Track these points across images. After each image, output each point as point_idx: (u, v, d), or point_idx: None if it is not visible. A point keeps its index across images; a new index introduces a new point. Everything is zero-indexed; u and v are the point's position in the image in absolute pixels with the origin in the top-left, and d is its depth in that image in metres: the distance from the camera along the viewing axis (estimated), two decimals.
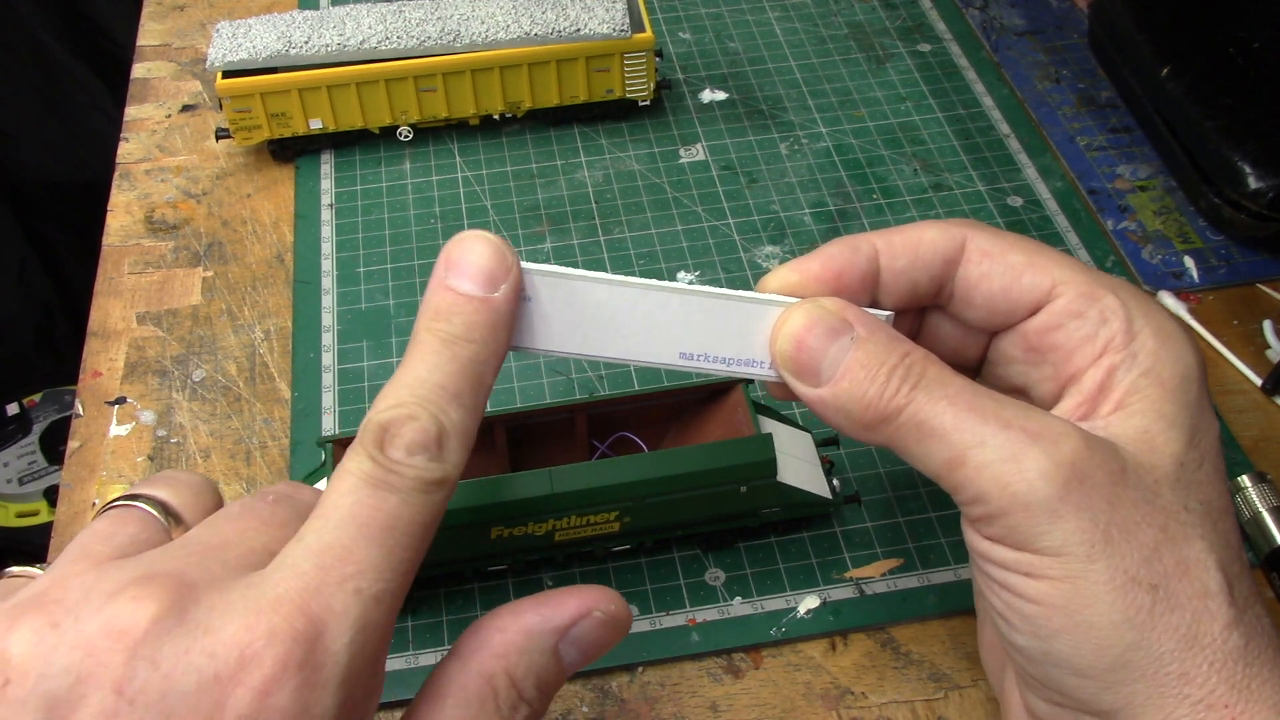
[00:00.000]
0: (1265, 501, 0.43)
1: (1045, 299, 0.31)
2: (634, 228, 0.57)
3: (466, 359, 0.27)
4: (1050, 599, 0.27)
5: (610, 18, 0.57)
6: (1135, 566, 0.27)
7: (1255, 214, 0.53)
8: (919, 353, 0.30)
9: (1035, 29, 0.69)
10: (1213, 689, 0.27)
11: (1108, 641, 0.27)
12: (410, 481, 0.26)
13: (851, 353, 0.30)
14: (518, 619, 0.28)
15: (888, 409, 0.29)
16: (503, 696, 0.27)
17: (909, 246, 0.32)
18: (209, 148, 0.61)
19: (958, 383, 0.29)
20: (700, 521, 0.41)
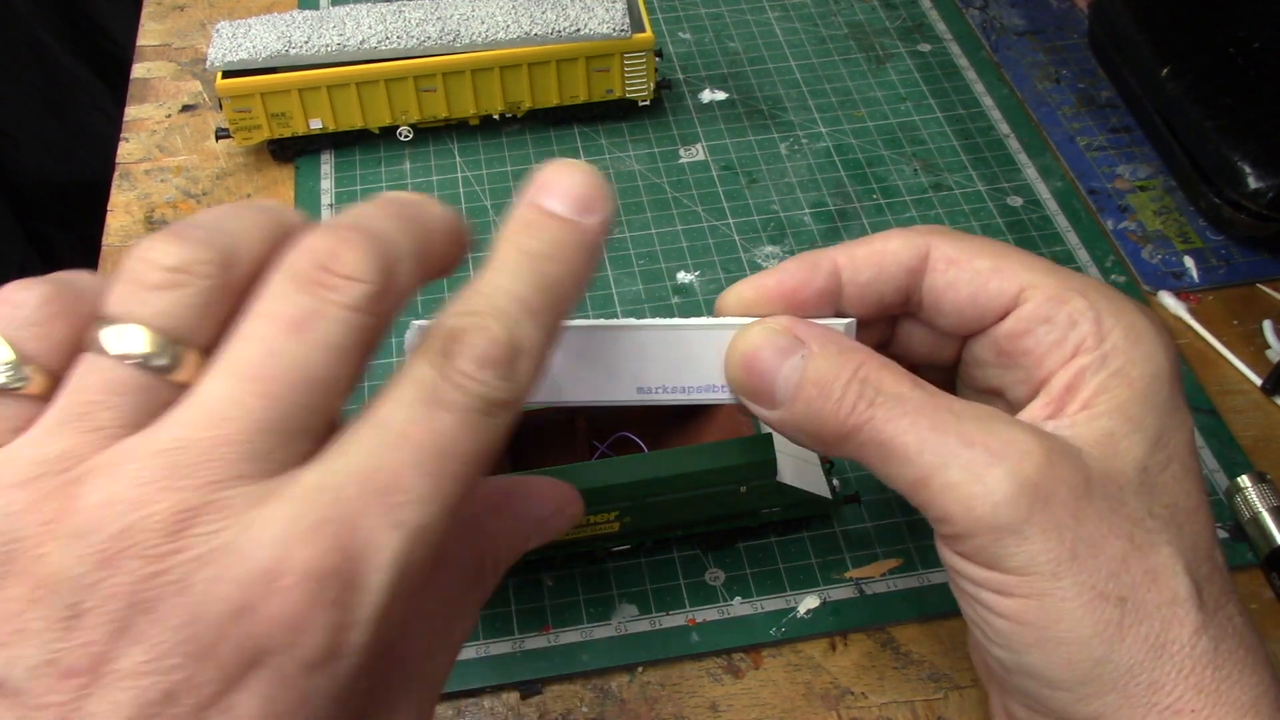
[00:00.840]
0: (1265, 501, 0.43)
1: (1013, 304, 0.30)
2: (634, 228, 0.57)
3: (550, 277, 0.26)
4: (1020, 615, 0.28)
5: (610, 18, 0.57)
6: (1103, 581, 0.27)
7: (1255, 214, 0.53)
8: (874, 363, 0.29)
9: (1035, 29, 0.69)
10: (1180, 695, 0.27)
11: (1078, 656, 0.27)
12: (473, 399, 0.23)
13: (804, 371, 0.29)
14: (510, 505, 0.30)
15: (845, 427, 0.29)
16: (487, 575, 0.29)
17: (872, 260, 0.32)
18: (209, 148, 0.61)
19: (917, 397, 0.29)
20: (700, 521, 0.41)
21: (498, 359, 0.24)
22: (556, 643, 0.41)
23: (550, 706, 0.39)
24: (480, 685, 0.40)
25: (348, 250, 0.23)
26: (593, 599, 0.42)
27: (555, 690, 0.40)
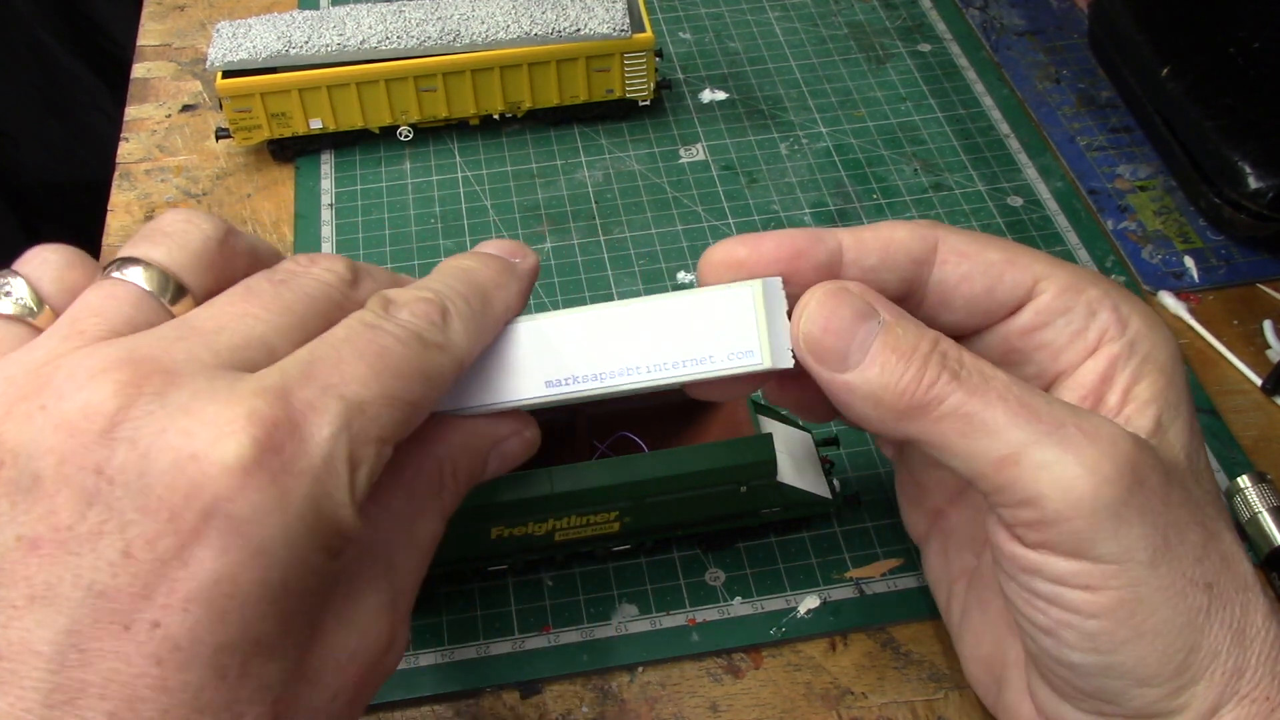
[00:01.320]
0: (1265, 501, 0.43)
1: (1027, 296, 0.30)
2: (634, 228, 0.57)
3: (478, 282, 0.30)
4: (1113, 612, 0.26)
5: (610, 18, 0.57)
6: (1191, 567, 0.26)
7: (1255, 214, 0.53)
8: (950, 341, 0.28)
9: (1035, 29, 0.69)
10: (1258, 682, 0.26)
11: (1173, 647, 0.26)
12: (407, 332, 0.27)
13: (881, 336, 0.28)
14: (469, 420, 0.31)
15: (926, 398, 0.27)
16: (448, 484, 0.30)
17: (879, 245, 0.30)
18: (209, 148, 0.61)
19: (1002, 375, 0.28)
20: (700, 521, 0.41)
21: (430, 312, 0.28)
22: (556, 643, 0.41)
23: (550, 706, 0.40)
24: (480, 685, 0.40)
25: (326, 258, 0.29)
26: (593, 599, 0.42)
27: (555, 690, 0.40)
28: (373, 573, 0.27)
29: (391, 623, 0.27)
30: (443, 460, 0.30)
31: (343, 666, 0.25)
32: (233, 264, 0.28)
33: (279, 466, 0.22)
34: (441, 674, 0.40)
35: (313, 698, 0.24)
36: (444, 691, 0.40)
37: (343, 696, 0.25)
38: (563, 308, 0.52)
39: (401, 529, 0.28)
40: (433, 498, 0.29)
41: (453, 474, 0.30)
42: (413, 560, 0.28)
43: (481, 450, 0.31)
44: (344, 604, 0.26)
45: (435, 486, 0.30)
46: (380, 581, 0.27)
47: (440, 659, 0.40)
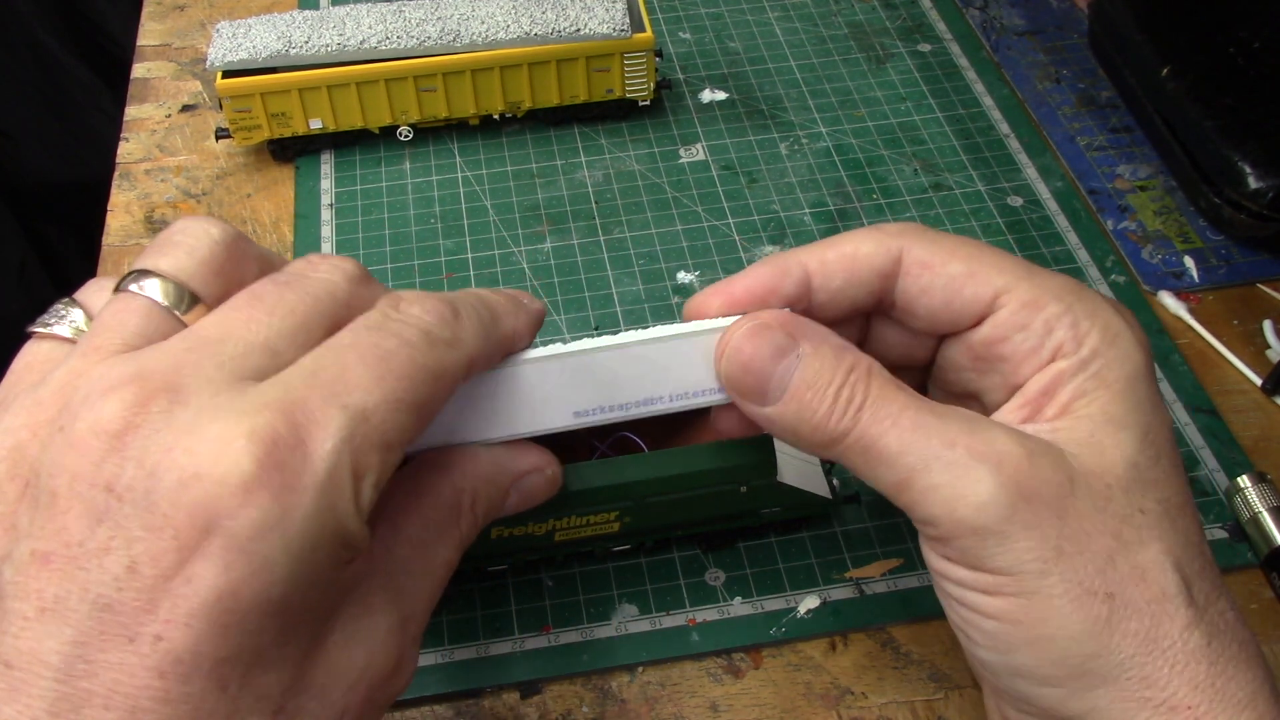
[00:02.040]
0: (1265, 501, 0.43)
1: (988, 309, 0.30)
2: (634, 228, 0.57)
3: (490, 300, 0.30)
4: (1008, 614, 0.28)
5: (610, 18, 0.57)
6: (1090, 577, 0.27)
7: (1255, 214, 0.53)
8: (863, 366, 0.29)
9: (1035, 29, 0.69)
10: (1174, 691, 0.27)
11: (1068, 653, 0.27)
12: (415, 332, 0.27)
13: (797, 372, 0.29)
14: (490, 451, 0.31)
15: (835, 431, 0.29)
16: (464, 510, 0.30)
17: (843, 264, 0.31)
18: (209, 148, 0.61)
19: (901, 399, 0.29)
20: (700, 521, 0.41)
21: (441, 309, 0.28)
22: (556, 643, 0.41)
23: (550, 706, 0.40)
24: (480, 685, 0.40)
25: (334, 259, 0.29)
26: (593, 599, 0.42)
27: (555, 690, 0.40)
28: (385, 595, 0.27)
29: (401, 645, 0.27)
30: (462, 490, 0.30)
31: (351, 684, 0.26)
32: (243, 268, 0.28)
33: (281, 484, 0.23)
34: (441, 674, 0.40)
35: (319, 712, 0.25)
36: (444, 691, 0.40)
37: (350, 715, 0.26)
38: (562, 309, 0.52)
39: (417, 554, 0.29)
40: (450, 526, 0.30)
41: (472, 504, 0.30)
42: (425, 587, 0.29)
43: (503, 483, 0.32)
44: (354, 622, 0.26)
45: (454, 514, 0.30)
46: (391, 605, 0.27)
47: (440, 659, 0.40)
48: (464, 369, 0.28)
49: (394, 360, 0.26)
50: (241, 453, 0.22)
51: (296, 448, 0.23)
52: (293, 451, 0.23)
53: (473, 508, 0.30)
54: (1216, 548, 0.43)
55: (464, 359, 0.28)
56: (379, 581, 0.27)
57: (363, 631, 0.26)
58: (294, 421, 0.23)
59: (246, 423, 0.23)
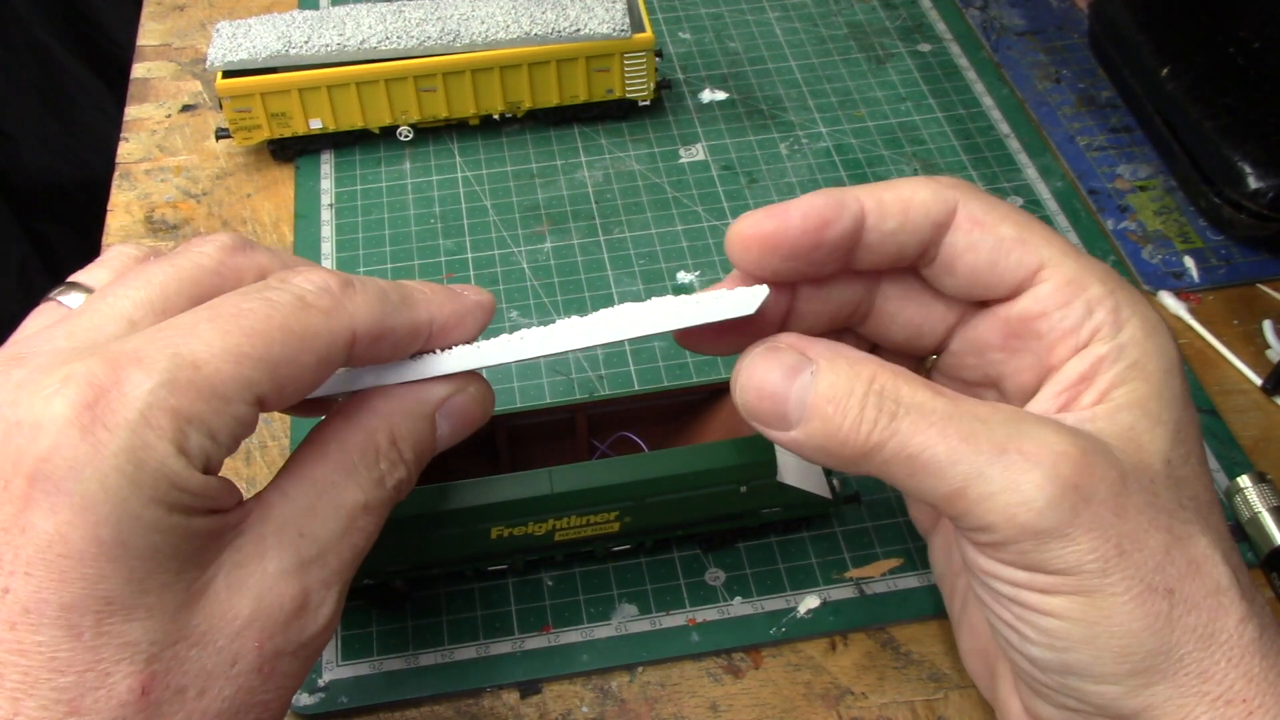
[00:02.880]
0: (1265, 501, 0.43)
1: (1030, 280, 0.30)
2: (634, 228, 0.57)
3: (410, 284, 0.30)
4: (1069, 613, 0.27)
5: (610, 18, 0.57)
6: (1150, 573, 0.27)
7: (1255, 214, 0.53)
8: (887, 373, 0.28)
9: (1035, 29, 0.69)
10: (1230, 684, 0.27)
11: (1130, 649, 0.27)
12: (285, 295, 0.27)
13: (814, 387, 0.28)
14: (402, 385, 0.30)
15: (868, 444, 0.28)
16: (384, 452, 0.29)
17: (899, 207, 0.30)
18: (209, 148, 0.61)
19: (940, 405, 0.28)
20: (700, 521, 0.41)
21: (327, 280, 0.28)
22: (556, 643, 0.41)
23: (550, 706, 0.39)
24: (480, 685, 0.40)
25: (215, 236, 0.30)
26: (593, 599, 0.42)
27: (555, 690, 0.40)
28: (277, 539, 0.27)
29: (302, 588, 0.27)
30: (374, 429, 0.30)
31: (239, 631, 0.26)
32: None
33: (92, 420, 0.23)
34: (441, 674, 0.40)
35: (203, 660, 0.25)
36: (444, 691, 0.40)
37: (245, 662, 0.26)
38: (562, 309, 0.52)
39: (322, 497, 0.28)
40: (366, 467, 0.29)
41: (391, 441, 0.30)
42: (333, 526, 0.28)
43: (422, 414, 0.31)
44: (239, 569, 0.26)
45: (367, 455, 0.29)
46: (285, 548, 0.27)
47: (440, 659, 0.40)
48: (338, 334, 0.27)
49: (248, 318, 0.26)
50: (55, 395, 0.23)
51: (112, 389, 0.23)
52: (107, 392, 0.23)
53: (394, 444, 0.30)
54: None
55: (342, 325, 0.27)
56: (272, 527, 0.27)
57: (250, 577, 0.26)
58: (116, 365, 0.24)
59: (65, 370, 0.24)
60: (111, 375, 0.23)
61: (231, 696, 0.25)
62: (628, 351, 0.51)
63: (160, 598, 0.24)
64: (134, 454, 0.23)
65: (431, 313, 0.30)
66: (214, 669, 0.25)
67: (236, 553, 0.26)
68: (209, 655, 0.25)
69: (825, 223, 0.30)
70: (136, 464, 0.23)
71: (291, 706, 0.39)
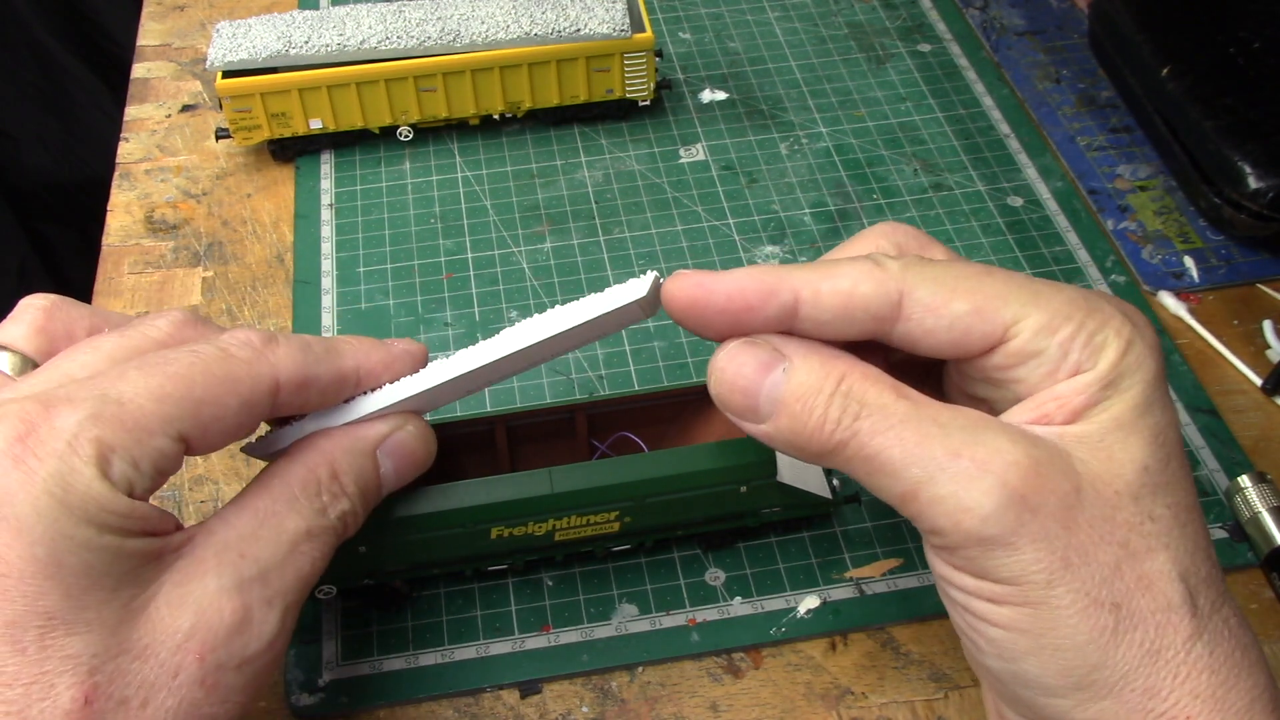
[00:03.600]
0: (1265, 501, 0.43)
1: (999, 341, 0.29)
2: (634, 228, 0.57)
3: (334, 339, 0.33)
4: (1014, 624, 0.28)
5: (610, 18, 0.57)
6: (1096, 587, 0.27)
7: (1255, 214, 0.53)
8: (856, 373, 0.29)
9: (1035, 29, 0.69)
10: (1176, 701, 0.27)
11: (1073, 663, 0.27)
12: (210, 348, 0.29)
13: (786, 384, 0.29)
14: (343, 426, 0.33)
15: (831, 441, 0.28)
16: (325, 484, 0.32)
17: (838, 301, 0.29)
18: (209, 148, 0.61)
19: (901, 408, 0.28)
20: (700, 521, 0.41)
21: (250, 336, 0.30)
22: (556, 643, 0.41)
23: (550, 706, 0.40)
24: (480, 685, 0.40)
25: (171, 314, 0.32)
26: (593, 599, 0.42)
27: (555, 690, 0.40)
28: (217, 560, 0.29)
29: (242, 605, 0.29)
30: (314, 465, 0.32)
31: (179, 645, 0.28)
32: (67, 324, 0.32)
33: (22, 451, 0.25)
34: (441, 674, 0.40)
35: (144, 672, 0.27)
36: (444, 691, 0.40)
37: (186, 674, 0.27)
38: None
39: (263, 523, 0.31)
40: (306, 498, 0.32)
41: (332, 476, 0.32)
42: (274, 550, 0.31)
43: (362, 450, 0.33)
44: (179, 587, 0.28)
45: (308, 487, 0.32)
46: (226, 567, 0.29)
47: (440, 659, 0.40)
48: (267, 383, 0.30)
49: (172, 365, 0.28)
50: None
51: (41, 424, 0.26)
52: (37, 426, 0.26)
53: (335, 478, 0.32)
54: (1217, 548, 0.43)
55: (263, 372, 0.30)
56: (214, 549, 0.29)
57: (190, 594, 0.28)
58: (47, 403, 0.26)
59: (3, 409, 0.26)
60: (42, 412, 0.26)
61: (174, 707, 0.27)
62: (628, 351, 0.51)
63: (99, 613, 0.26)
64: (61, 479, 0.25)
65: (357, 360, 0.33)
66: (156, 680, 0.27)
67: (177, 572, 0.28)
68: (150, 667, 0.27)
69: (749, 307, 0.30)
70: (65, 488, 0.25)
71: (291, 707, 0.39)
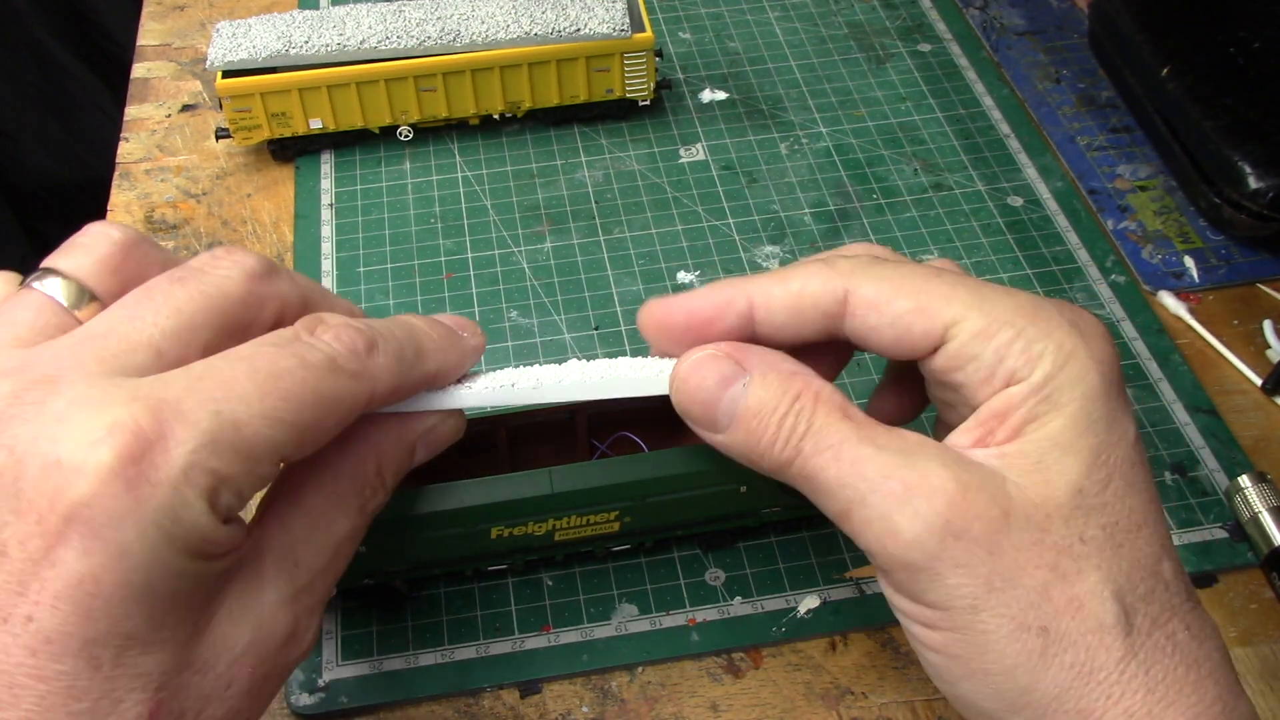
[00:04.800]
0: (1265, 501, 0.43)
1: (940, 340, 0.30)
2: (634, 228, 0.57)
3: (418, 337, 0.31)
4: (947, 649, 0.28)
5: (610, 17, 0.57)
6: (1022, 612, 0.27)
7: (1255, 214, 0.53)
8: (810, 393, 0.29)
9: (1035, 29, 0.69)
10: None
11: (1004, 686, 0.27)
12: (321, 356, 0.27)
13: (743, 400, 0.30)
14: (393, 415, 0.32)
15: (780, 458, 0.29)
16: (369, 480, 0.31)
17: (788, 302, 0.31)
18: (209, 148, 0.61)
19: (844, 429, 0.29)
20: (700, 521, 0.41)
21: (355, 340, 0.28)
22: (556, 643, 0.41)
23: (550, 706, 0.40)
24: (480, 685, 0.40)
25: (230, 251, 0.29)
26: (593, 599, 0.42)
27: (555, 690, 0.40)
28: (277, 569, 0.28)
29: (294, 617, 0.28)
30: (364, 458, 0.31)
31: (236, 658, 0.27)
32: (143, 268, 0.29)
33: (136, 475, 0.23)
34: (441, 674, 0.40)
35: (202, 686, 0.26)
36: (444, 691, 0.40)
37: (237, 686, 0.27)
38: (562, 309, 0.52)
39: (315, 527, 0.29)
40: (354, 495, 0.31)
41: (377, 471, 0.31)
42: (324, 556, 0.30)
43: (408, 443, 0.32)
44: (241, 599, 0.27)
45: (355, 484, 0.31)
46: (283, 577, 0.28)
47: (440, 659, 0.40)
48: (364, 402, 0.29)
49: (285, 379, 0.26)
50: (101, 443, 0.23)
51: (156, 443, 0.24)
52: (152, 446, 0.24)
53: (380, 473, 0.31)
54: (1217, 548, 0.43)
55: (364, 393, 0.28)
56: (272, 558, 0.28)
57: (251, 608, 0.27)
58: (160, 418, 0.24)
59: (111, 414, 0.24)
60: (156, 429, 0.24)
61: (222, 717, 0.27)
62: (628, 351, 0.51)
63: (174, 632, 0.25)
64: (172, 511, 0.24)
65: (439, 364, 0.32)
66: (211, 693, 0.26)
67: (240, 583, 0.27)
68: (209, 681, 0.26)
69: (708, 321, 0.32)
70: (174, 520, 0.24)
71: (291, 707, 0.39)
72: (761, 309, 0.32)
